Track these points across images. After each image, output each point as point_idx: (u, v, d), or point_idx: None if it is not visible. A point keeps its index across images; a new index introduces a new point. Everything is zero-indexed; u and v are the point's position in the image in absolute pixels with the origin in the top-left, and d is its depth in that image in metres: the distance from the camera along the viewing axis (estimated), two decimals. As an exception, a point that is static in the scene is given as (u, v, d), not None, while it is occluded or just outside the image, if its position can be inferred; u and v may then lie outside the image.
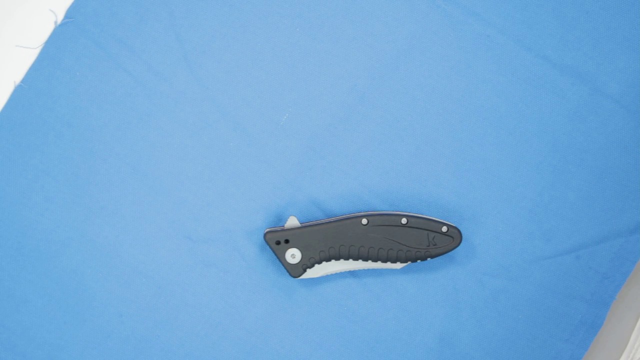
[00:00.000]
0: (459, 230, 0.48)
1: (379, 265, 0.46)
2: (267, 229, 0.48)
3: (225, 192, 0.52)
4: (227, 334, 0.51)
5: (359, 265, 0.46)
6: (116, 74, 0.53)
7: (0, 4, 0.56)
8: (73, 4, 0.54)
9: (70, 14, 0.54)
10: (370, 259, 0.45)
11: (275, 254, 0.47)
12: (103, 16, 0.54)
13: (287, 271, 0.46)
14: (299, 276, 0.46)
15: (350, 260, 0.46)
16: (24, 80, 0.54)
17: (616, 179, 0.51)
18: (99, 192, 0.53)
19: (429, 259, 0.47)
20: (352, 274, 0.51)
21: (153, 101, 0.53)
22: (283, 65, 0.53)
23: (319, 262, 0.45)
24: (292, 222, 0.46)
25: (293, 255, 0.45)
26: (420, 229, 0.47)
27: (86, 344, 0.52)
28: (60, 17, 0.54)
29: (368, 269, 0.49)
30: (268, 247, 0.50)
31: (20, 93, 0.53)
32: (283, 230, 0.46)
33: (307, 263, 0.45)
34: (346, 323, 0.51)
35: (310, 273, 0.46)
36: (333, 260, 0.46)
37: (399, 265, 0.46)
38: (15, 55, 0.54)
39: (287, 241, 0.45)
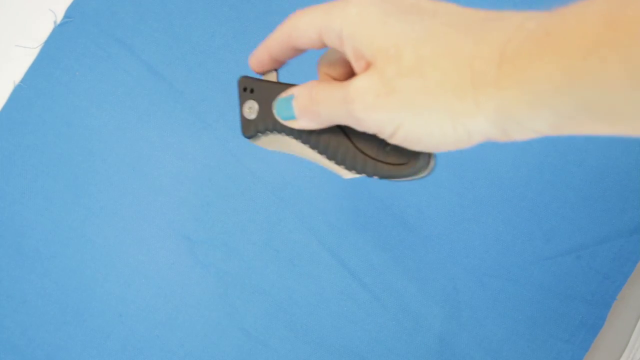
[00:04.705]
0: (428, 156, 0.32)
1: (326, 163, 0.35)
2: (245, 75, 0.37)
3: (225, 192, 0.52)
4: (227, 334, 0.51)
5: (308, 154, 0.36)
6: (116, 74, 0.53)
7: (0, 4, 0.56)
8: (73, 4, 0.54)
9: (69, 13, 0.54)
10: (318, 150, 0.35)
11: (239, 102, 0.37)
12: (103, 16, 0.54)
13: (241, 126, 0.37)
14: (250, 138, 0.37)
15: (300, 143, 0.36)
16: (23, 80, 0.54)
17: (616, 179, 0.50)
18: (99, 192, 0.53)
19: (375, 177, 0.33)
20: (352, 274, 0.51)
21: (153, 101, 0.53)
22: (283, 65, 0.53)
23: (272, 131, 0.36)
24: (271, 76, 0.37)
25: (250, 108, 0.36)
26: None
27: (86, 344, 0.52)
28: (59, 17, 0.54)
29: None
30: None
31: (19, 93, 0.53)
32: (257, 79, 0.36)
33: (260, 125, 0.36)
34: (346, 323, 0.51)
35: (262, 141, 0.37)
36: (287, 137, 0.36)
37: (345, 173, 0.34)
38: (15, 55, 0.54)
39: (252, 91, 0.36)
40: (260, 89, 0.36)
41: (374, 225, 0.51)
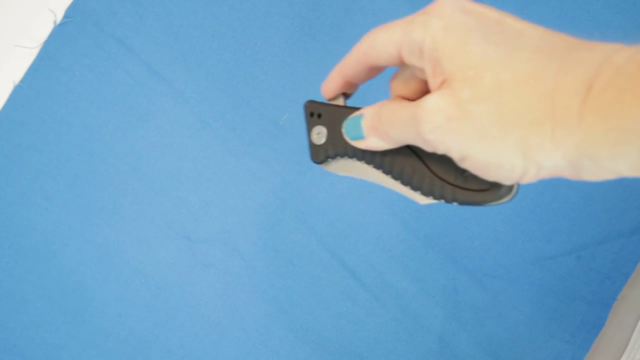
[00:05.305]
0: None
1: (401, 189, 0.35)
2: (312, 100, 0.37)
3: (224, 192, 0.52)
4: (227, 334, 0.51)
5: (382, 180, 0.35)
6: (116, 73, 0.53)
7: (0, 4, 0.56)
8: (72, 3, 0.54)
9: (69, 13, 0.54)
10: (392, 175, 0.35)
11: (306, 128, 0.37)
12: (103, 16, 0.54)
13: (310, 152, 0.37)
14: (321, 164, 0.37)
15: (372, 167, 0.35)
16: (23, 80, 0.54)
17: (617, 179, 0.50)
18: (99, 192, 0.53)
19: (455, 203, 0.33)
20: (352, 274, 0.51)
21: (152, 101, 0.53)
22: (283, 65, 0.53)
23: (342, 156, 0.36)
24: (338, 100, 0.37)
25: (319, 133, 0.36)
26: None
27: (86, 344, 0.52)
28: (59, 17, 0.54)
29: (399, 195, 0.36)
30: (270, 250, 0.50)
31: (19, 93, 0.53)
32: (324, 104, 0.36)
33: (329, 150, 0.36)
34: (346, 323, 0.51)
35: (333, 167, 0.37)
36: (358, 162, 0.36)
37: (422, 199, 0.34)
38: (15, 55, 0.54)
39: (319, 116, 0.36)
40: (328, 114, 0.36)
41: (374, 225, 0.51)
